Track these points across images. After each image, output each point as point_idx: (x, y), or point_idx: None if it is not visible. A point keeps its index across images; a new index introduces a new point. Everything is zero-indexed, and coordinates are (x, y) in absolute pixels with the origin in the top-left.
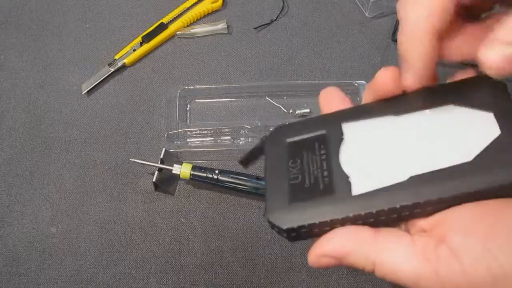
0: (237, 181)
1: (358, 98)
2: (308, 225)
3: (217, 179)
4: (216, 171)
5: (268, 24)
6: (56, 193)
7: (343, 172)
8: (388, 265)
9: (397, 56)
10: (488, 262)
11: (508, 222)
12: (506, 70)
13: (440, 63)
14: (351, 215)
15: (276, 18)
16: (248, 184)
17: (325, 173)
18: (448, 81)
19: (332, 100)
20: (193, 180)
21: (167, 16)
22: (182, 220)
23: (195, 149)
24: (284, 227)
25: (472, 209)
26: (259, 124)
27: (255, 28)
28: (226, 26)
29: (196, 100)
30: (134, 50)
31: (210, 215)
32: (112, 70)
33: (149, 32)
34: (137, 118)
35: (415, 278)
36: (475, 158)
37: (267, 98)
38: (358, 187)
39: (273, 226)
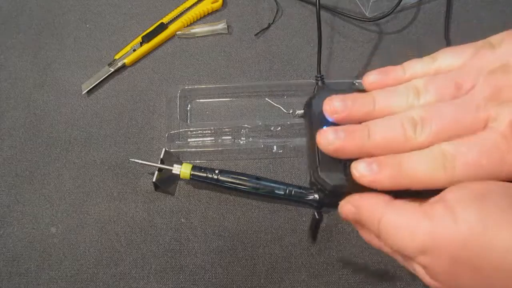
0: (237, 181)
1: None
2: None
3: (217, 179)
4: (216, 171)
5: (267, 28)
6: (56, 193)
7: None
8: (390, 221)
9: (397, 55)
10: (478, 212)
11: (501, 187)
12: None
13: None
14: None
15: (273, 21)
16: (248, 184)
17: None
18: None
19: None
20: (193, 180)
21: (167, 16)
22: (182, 220)
23: (195, 149)
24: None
25: (472, 183)
26: (259, 123)
27: (255, 35)
28: (226, 26)
29: (197, 100)
30: (134, 50)
31: (210, 215)
32: (112, 70)
33: (149, 32)
34: (137, 118)
35: (412, 230)
36: None
37: (266, 99)
38: None
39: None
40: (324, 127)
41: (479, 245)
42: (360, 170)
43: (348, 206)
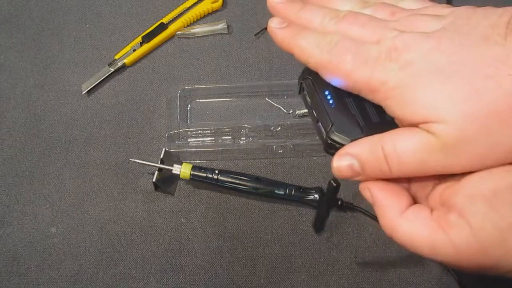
0: (237, 181)
1: None
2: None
3: (217, 179)
4: (216, 171)
5: (266, 28)
6: (56, 193)
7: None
8: (406, 234)
9: None
10: (493, 218)
11: (509, 183)
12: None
13: None
14: None
15: None
16: (248, 184)
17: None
18: None
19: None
20: (193, 180)
21: (167, 16)
22: (182, 220)
23: (195, 149)
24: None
25: (477, 178)
26: (259, 123)
27: (255, 35)
28: (226, 26)
29: (197, 100)
30: (134, 50)
31: (210, 215)
32: (112, 70)
33: (149, 32)
34: (137, 118)
35: (431, 245)
36: None
37: (266, 99)
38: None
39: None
40: (326, 92)
41: (499, 250)
42: (273, 21)
43: (367, 192)
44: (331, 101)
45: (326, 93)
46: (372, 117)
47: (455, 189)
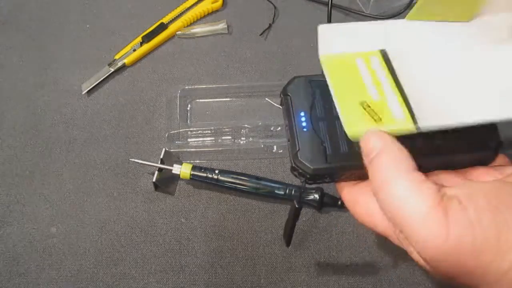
0: (237, 181)
1: None
2: None
3: (217, 179)
4: (216, 171)
5: (269, 28)
6: (56, 193)
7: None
8: (400, 194)
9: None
10: (492, 214)
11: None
12: None
13: None
14: None
15: (273, 21)
16: (248, 184)
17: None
18: None
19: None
20: (193, 180)
21: (167, 16)
22: (182, 220)
23: (195, 149)
24: None
25: (479, 183)
26: (259, 123)
27: (260, 35)
28: (226, 26)
29: (197, 100)
30: (134, 50)
31: (210, 215)
32: (112, 70)
33: (149, 32)
34: (137, 118)
35: (425, 218)
36: None
37: (266, 99)
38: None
39: None
40: (301, 113)
41: (491, 249)
42: None
43: (373, 137)
44: (304, 124)
45: (302, 114)
46: (341, 146)
47: (457, 187)
